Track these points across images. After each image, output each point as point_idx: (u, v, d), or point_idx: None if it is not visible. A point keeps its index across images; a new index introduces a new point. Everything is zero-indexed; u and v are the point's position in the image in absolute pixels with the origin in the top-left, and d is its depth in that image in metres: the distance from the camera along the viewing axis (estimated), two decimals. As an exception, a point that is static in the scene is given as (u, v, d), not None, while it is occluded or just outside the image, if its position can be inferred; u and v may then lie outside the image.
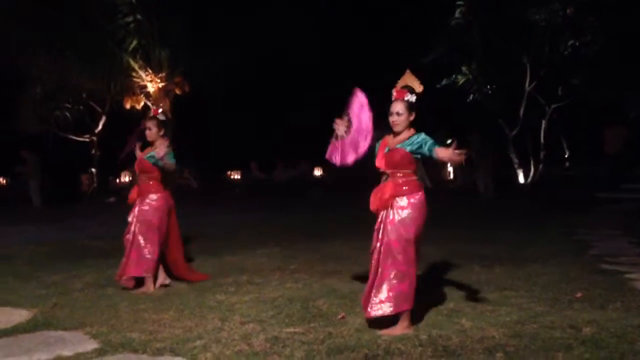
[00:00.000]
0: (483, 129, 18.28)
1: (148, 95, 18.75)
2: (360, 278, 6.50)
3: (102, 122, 21.76)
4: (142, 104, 18.83)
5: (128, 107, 19.03)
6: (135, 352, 4.24)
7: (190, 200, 16.12)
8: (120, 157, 7.00)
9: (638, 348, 4.03)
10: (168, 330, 4.71)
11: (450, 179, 24.12)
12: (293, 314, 5.09)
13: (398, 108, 4.64)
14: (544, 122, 18.93)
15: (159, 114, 6.47)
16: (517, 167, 18.80)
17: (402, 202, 4.57)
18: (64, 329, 4.84)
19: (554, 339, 4.22)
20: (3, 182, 27.79)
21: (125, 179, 26.43)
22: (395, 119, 4.65)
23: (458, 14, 17.64)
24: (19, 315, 5.29)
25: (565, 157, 25.88)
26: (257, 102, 25.84)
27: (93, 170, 22.06)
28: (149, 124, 6.39)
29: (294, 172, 23.83)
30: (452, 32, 17.80)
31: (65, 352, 4.25)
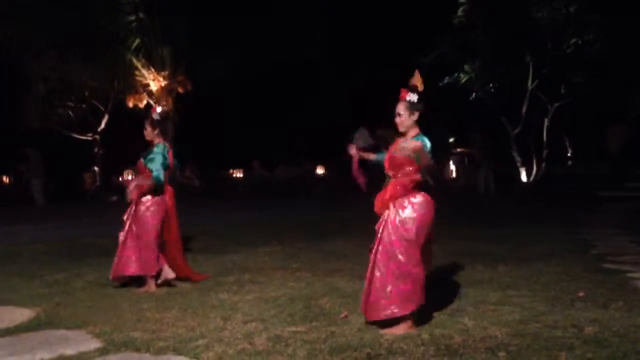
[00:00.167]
0: (484, 127, 18.29)
1: (151, 94, 18.79)
2: (363, 277, 6.50)
3: (104, 120, 21.80)
4: (144, 103, 18.87)
5: (131, 105, 19.09)
6: (138, 351, 4.25)
7: (193, 199, 16.12)
8: None
9: (640, 347, 4.03)
10: (170, 330, 4.72)
11: (453, 178, 24.11)
12: (295, 313, 5.09)
13: (399, 109, 4.65)
14: (547, 120, 18.92)
15: (154, 114, 6.47)
16: (519, 165, 18.79)
17: (403, 202, 4.56)
18: (67, 328, 4.85)
19: (556, 338, 4.22)
20: (6, 180, 27.80)
21: (128, 178, 26.42)
22: (397, 120, 4.67)
23: (461, 13, 17.65)
24: (22, 314, 5.30)
25: (568, 155, 25.87)
26: (259, 100, 25.85)
27: (96, 169, 22.10)
28: (145, 124, 6.40)
29: (298, 170, 23.82)
30: (454, 30, 17.81)
31: (68, 351, 4.26)
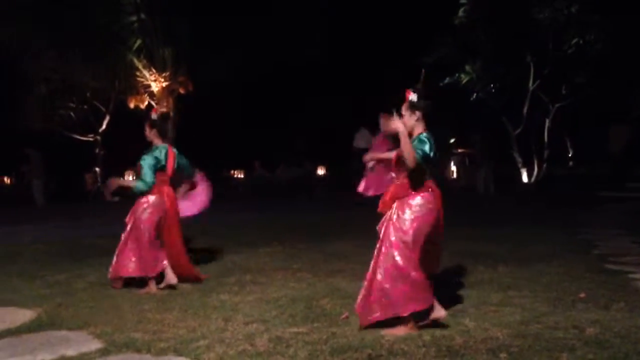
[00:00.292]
0: (484, 128, 18.28)
1: (152, 95, 18.80)
2: (364, 278, 6.51)
3: (106, 121, 21.82)
4: (146, 103, 18.87)
5: (132, 106, 19.10)
6: (139, 352, 4.25)
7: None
8: None
9: (642, 348, 4.03)
10: (172, 330, 4.72)
11: (454, 178, 24.10)
12: (296, 314, 5.09)
13: (402, 109, 4.62)
14: (548, 120, 18.91)
15: (152, 114, 6.48)
16: (520, 166, 18.78)
17: (403, 203, 4.54)
18: (68, 329, 4.85)
19: (558, 340, 4.21)
20: (7, 181, 27.82)
21: (130, 179, 26.42)
22: (402, 120, 4.61)
23: (462, 13, 17.64)
24: (23, 315, 5.30)
25: (569, 156, 25.86)
26: (260, 101, 25.86)
27: (97, 170, 22.11)
28: (145, 124, 6.40)
29: (298, 171, 23.83)
30: (455, 31, 17.80)
31: (69, 352, 4.26)
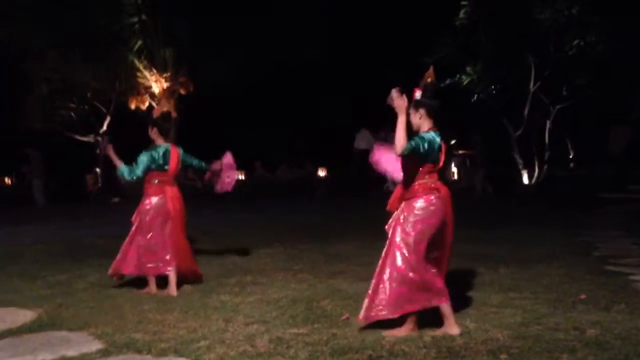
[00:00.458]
0: (483, 129, 18.27)
1: (153, 95, 18.80)
2: (365, 279, 6.49)
3: (106, 122, 21.82)
4: (146, 104, 18.88)
5: (133, 107, 19.10)
6: (140, 352, 4.25)
7: (194, 200, 16.10)
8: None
9: (642, 350, 4.03)
10: (172, 331, 4.72)
11: (455, 180, 24.08)
12: (297, 315, 5.09)
13: (410, 109, 4.55)
14: (549, 122, 18.90)
15: (153, 113, 6.52)
16: (521, 167, 18.77)
17: (408, 205, 4.53)
18: (69, 329, 4.86)
19: (558, 341, 4.21)
20: (8, 181, 27.83)
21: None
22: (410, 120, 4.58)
23: (463, 14, 17.64)
24: (24, 315, 5.30)
25: (570, 157, 25.85)
26: (261, 101, 25.86)
27: (97, 170, 22.12)
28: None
29: (299, 171, 23.83)
30: (456, 32, 17.80)
31: (70, 352, 4.26)
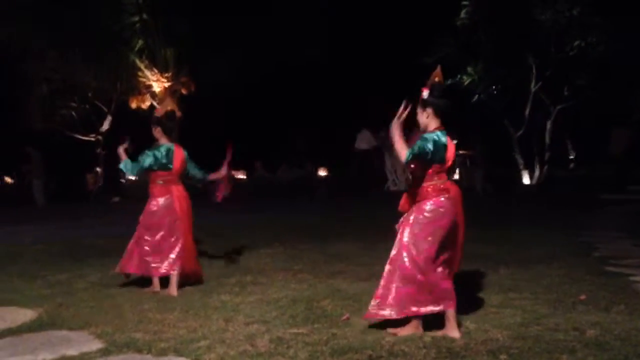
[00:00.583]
0: (483, 130, 18.26)
1: (154, 95, 18.80)
2: (366, 279, 6.51)
3: (107, 121, 21.83)
4: (147, 104, 18.89)
5: (134, 106, 19.11)
6: (140, 352, 4.26)
7: (194, 200, 16.12)
8: None
9: (642, 351, 4.03)
10: (172, 331, 4.72)
11: (456, 180, 24.08)
12: (297, 315, 5.09)
13: (417, 108, 4.50)
14: (549, 122, 18.90)
15: (156, 112, 6.55)
16: (522, 167, 18.77)
17: (418, 206, 4.50)
18: (69, 329, 4.86)
19: (558, 342, 4.22)
20: (9, 180, 27.84)
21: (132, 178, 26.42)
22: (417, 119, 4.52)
23: (464, 14, 17.64)
24: (24, 315, 5.31)
25: (570, 158, 25.83)
26: (261, 101, 25.86)
27: (98, 170, 22.14)
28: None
29: (300, 171, 23.83)
30: (457, 32, 17.80)
31: (70, 351, 4.27)
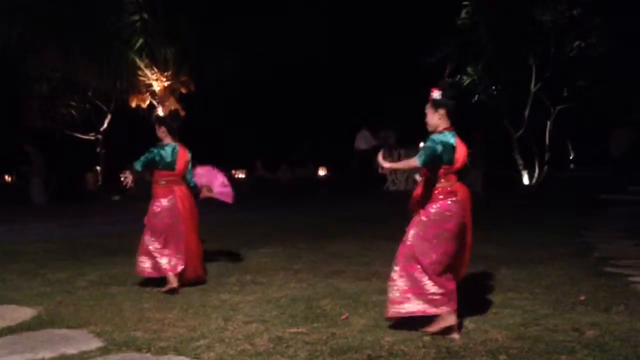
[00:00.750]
0: (483, 130, 18.24)
1: (154, 94, 18.78)
2: (365, 278, 6.52)
3: (107, 120, 21.82)
4: (147, 103, 18.87)
5: (134, 105, 19.06)
6: (139, 350, 4.26)
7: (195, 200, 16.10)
8: None
9: (641, 352, 4.03)
10: (172, 330, 4.73)
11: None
12: (296, 314, 5.10)
13: (426, 108, 4.48)
14: (549, 123, 18.88)
15: (157, 113, 6.55)
16: (521, 168, 18.75)
17: (425, 208, 4.48)
18: (69, 327, 4.87)
19: (557, 342, 4.22)
20: (9, 179, 27.84)
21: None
22: (426, 120, 4.50)
23: (464, 14, 17.61)
24: (24, 313, 5.31)
25: (570, 158, 25.83)
26: (262, 101, 25.86)
27: (98, 169, 22.13)
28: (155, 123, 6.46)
29: (300, 171, 23.86)
30: (458, 32, 17.77)
31: (70, 350, 4.27)
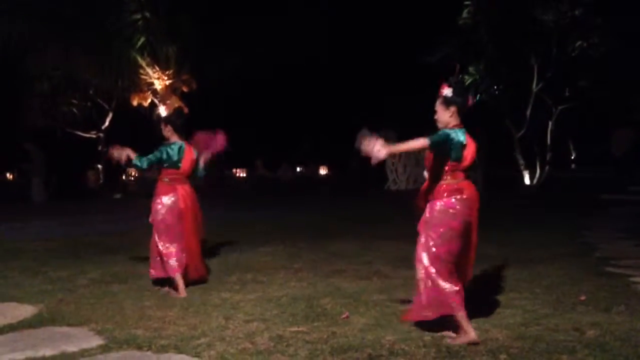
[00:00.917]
0: (485, 130, 18.25)
1: (155, 92, 18.80)
2: (365, 277, 6.52)
3: (108, 118, 21.85)
4: (149, 101, 18.89)
5: (135, 104, 19.10)
6: (140, 348, 4.26)
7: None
8: None
9: (642, 351, 4.03)
10: (172, 328, 4.73)
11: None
12: (297, 313, 5.10)
13: (436, 105, 4.42)
14: (551, 123, 18.88)
15: (157, 112, 6.54)
16: (523, 168, 18.75)
17: (430, 206, 4.43)
18: (69, 325, 4.86)
19: (558, 342, 4.22)
20: (10, 177, 27.89)
21: (131, 177, 26.47)
22: (435, 117, 4.44)
23: (466, 14, 17.62)
24: (25, 311, 5.31)
25: (572, 158, 25.82)
26: (262, 100, 25.88)
27: (99, 167, 22.15)
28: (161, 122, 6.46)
29: (300, 170, 23.89)
30: (460, 31, 17.78)
31: (70, 347, 4.27)
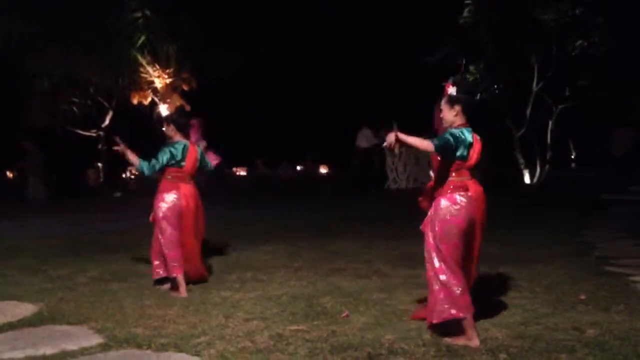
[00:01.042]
0: (485, 129, 18.24)
1: (155, 91, 18.80)
2: (365, 276, 6.53)
3: (109, 117, 21.84)
4: (149, 100, 18.89)
5: (135, 102, 19.10)
6: (140, 347, 4.27)
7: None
8: None
9: (641, 351, 4.03)
10: (172, 326, 4.74)
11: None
12: (297, 312, 5.10)
13: (441, 104, 4.39)
14: (551, 122, 18.87)
15: (158, 111, 6.54)
16: (523, 167, 18.74)
17: (435, 204, 4.40)
18: (69, 324, 4.87)
19: (557, 341, 4.22)
20: (10, 175, 27.90)
21: (131, 175, 26.46)
22: (441, 116, 4.41)
23: (466, 13, 17.60)
24: (25, 309, 5.32)
25: (572, 158, 25.81)
26: (263, 99, 25.88)
27: (99, 165, 22.16)
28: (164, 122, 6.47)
29: (300, 169, 23.90)
30: (460, 30, 17.76)
31: (70, 346, 4.28)
